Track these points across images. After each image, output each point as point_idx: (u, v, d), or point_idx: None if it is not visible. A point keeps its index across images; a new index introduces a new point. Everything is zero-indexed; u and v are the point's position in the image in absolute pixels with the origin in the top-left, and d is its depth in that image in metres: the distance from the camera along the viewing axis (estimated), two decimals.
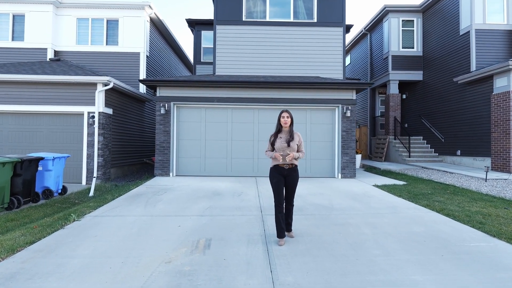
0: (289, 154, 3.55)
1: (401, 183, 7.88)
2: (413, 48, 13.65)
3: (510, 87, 9.04)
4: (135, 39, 11.48)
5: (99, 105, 8.81)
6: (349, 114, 8.78)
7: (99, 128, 8.78)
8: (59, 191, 7.07)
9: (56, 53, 11.33)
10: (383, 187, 7.16)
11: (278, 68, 10.05)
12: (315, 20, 10.12)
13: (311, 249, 3.42)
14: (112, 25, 11.57)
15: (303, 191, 6.56)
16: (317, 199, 5.93)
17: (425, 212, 5.00)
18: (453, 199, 5.92)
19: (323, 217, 4.69)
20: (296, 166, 3.71)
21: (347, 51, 18.60)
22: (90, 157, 8.74)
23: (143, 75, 11.50)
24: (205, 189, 6.87)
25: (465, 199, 5.92)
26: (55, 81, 8.68)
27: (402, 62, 13.63)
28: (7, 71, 8.99)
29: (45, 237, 3.77)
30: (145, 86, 11.47)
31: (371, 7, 74.45)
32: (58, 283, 2.65)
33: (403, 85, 14.46)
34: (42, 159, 6.58)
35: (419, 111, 13.72)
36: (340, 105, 8.87)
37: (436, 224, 4.35)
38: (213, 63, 10.20)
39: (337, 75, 10.04)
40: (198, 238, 3.75)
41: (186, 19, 13.04)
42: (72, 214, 4.69)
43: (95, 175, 8.31)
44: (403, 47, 13.64)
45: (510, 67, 8.82)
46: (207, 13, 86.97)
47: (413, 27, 13.60)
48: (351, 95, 8.96)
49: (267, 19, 10.14)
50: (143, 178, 9.12)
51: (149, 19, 12.03)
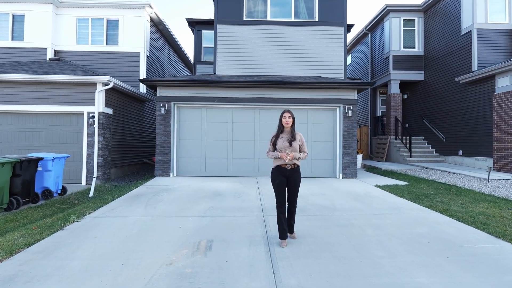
0: (290, 153, 3.49)
1: (403, 183, 7.82)
2: (414, 47, 13.60)
3: None
4: (135, 39, 11.43)
5: (99, 105, 8.76)
6: (350, 114, 8.73)
7: (99, 128, 8.73)
8: (59, 192, 7.02)
9: (56, 52, 11.28)
10: (385, 188, 7.10)
11: (279, 67, 10.00)
12: (316, 19, 10.07)
13: (314, 250, 3.37)
14: (112, 24, 11.52)
15: (305, 191, 6.50)
16: (319, 200, 5.88)
17: (428, 213, 4.95)
18: (456, 199, 5.87)
19: (325, 218, 4.64)
20: (298, 166, 3.65)
21: (348, 50, 18.54)
22: (90, 157, 8.70)
23: (143, 74, 11.45)
24: (206, 190, 6.82)
25: (468, 199, 5.87)
26: (54, 81, 8.64)
27: (403, 62, 13.57)
28: (6, 71, 8.95)
29: (44, 239, 3.73)
30: (145, 86, 11.42)
31: (372, 6, 74.39)
32: (57, 285, 2.60)
33: (404, 85, 14.41)
34: (41, 159, 6.53)
35: (420, 111, 13.67)
36: (341, 105, 8.82)
37: (439, 225, 4.30)
38: (213, 63, 10.15)
39: (338, 74, 9.99)
40: (199, 239, 3.71)
41: (186, 19, 13.00)
42: (71, 215, 4.64)
43: (95, 175, 8.27)
44: (404, 47, 13.58)
45: None
46: (208, 12, 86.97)
47: (414, 27, 13.54)
48: (353, 95, 8.90)
49: (268, 19, 10.09)
50: (143, 178, 9.07)
51: (149, 19, 11.98)
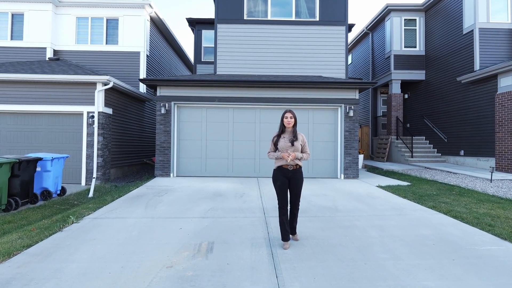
0: (292, 153, 3.43)
1: (405, 183, 7.76)
2: (415, 47, 13.53)
3: None
4: (135, 38, 11.37)
5: (99, 105, 8.70)
6: (352, 114, 8.67)
7: (98, 128, 8.67)
8: (58, 192, 6.95)
9: (55, 52, 11.22)
10: (387, 188, 7.04)
11: (279, 67, 9.93)
12: (317, 18, 10.01)
13: (317, 253, 3.31)
14: (112, 24, 11.45)
15: (306, 192, 6.44)
16: (321, 201, 5.82)
17: (432, 214, 4.89)
18: (460, 200, 5.81)
19: (328, 219, 4.58)
20: (300, 167, 3.59)
21: (349, 50, 18.45)
22: (89, 157, 8.63)
23: (143, 74, 11.38)
24: (206, 190, 6.76)
25: (472, 200, 5.80)
26: (54, 81, 8.58)
27: (404, 61, 13.51)
28: (5, 71, 8.88)
29: (42, 240, 3.67)
30: (145, 85, 11.36)
31: (373, 6, 74.32)
32: None
33: (405, 85, 14.35)
34: (40, 159, 6.47)
35: (422, 111, 13.60)
36: (342, 105, 8.76)
37: (444, 226, 4.24)
38: (214, 62, 10.09)
39: (340, 74, 9.93)
40: (200, 241, 3.64)
41: (186, 18, 12.95)
42: (70, 216, 4.58)
43: (94, 175, 8.21)
44: (405, 46, 13.52)
45: None
46: (208, 13, 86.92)
47: (416, 26, 13.48)
48: (354, 95, 8.84)
49: (269, 18, 10.03)
50: (143, 178, 9.01)
51: (149, 18, 11.92)
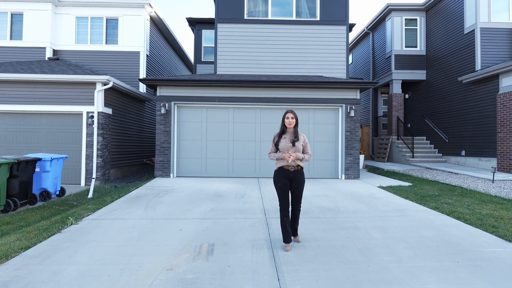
0: (293, 154, 3.38)
1: (407, 184, 7.71)
2: (416, 47, 13.48)
3: None
4: (135, 38, 11.32)
5: (98, 105, 8.65)
6: (353, 114, 8.63)
7: (98, 128, 8.62)
8: (57, 193, 6.90)
9: (55, 52, 11.17)
10: (389, 189, 6.99)
11: (280, 67, 9.89)
12: (318, 18, 9.97)
13: (319, 255, 3.27)
14: (111, 24, 11.40)
15: (308, 192, 6.38)
16: (322, 201, 5.77)
17: (435, 215, 4.84)
18: (462, 201, 5.76)
19: (330, 220, 4.54)
20: (302, 168, 3.54)
21: (349, 50, 18.40)
22: (89, 157, 8.58)
23: (143, 74, 11.33)
24: (206, 191, 6.71)
25: (474, 201, 5.76)
26: (53, 80, 8.53)
27: (405, 61, 13.46)
28: (4, 70, 8.83)
29: (41, 242, 3.62)
30: (145, 85, 11.31)
31: (374, 6, 74.31)
32: None
33: (406, 85, 14.30)
34: (39, 160, 6.42)
35: (422, 111, 13.56)
36: (343, 105, 8.72)
37: (447, 227, 4.19)
38: (214, 62, 10.04)
39: (340, 74, 9.89)
40: (200, 243, 3.60)
41: (186, 18, 12.90)
42: (69, 217, 4.54)
43: (94, 176, 8.15)
44: (406, 46, 13.47)
45: None
46: (208, 13, 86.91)
47: (416, 26, 13.43)
48: (355, 95, 8.80)
49: (269, 17, 9.98)
50: (143, 179, 8.96)
51: (149, 18, 11.87)
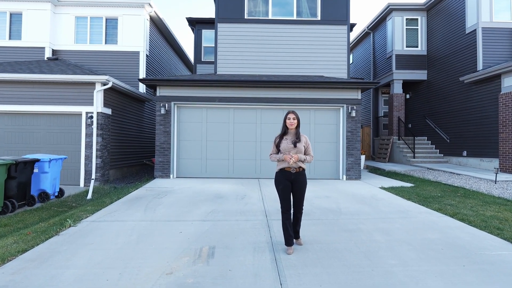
0: (295, 155, 3.32)
1: (409, 185, 7.65)
2: (417, 47, 13.42)
3: None
4: (134, 38, 11.25)
5: (98, 105, 8.58)
6: (354, 114, 8.57)
7: (97, 128, 8.56)
8: (56, 194, 6.84)
9: (54, 52, 11.10)
10: (391, 190, 6.93)
11: (281, 67, 9.82)
12: (319, 18, 9.90)
13: (322, 258, 3.20)
14: (111, 23, 11.34)
15: (309, 193, 6.29)
16: (324, 203, 5.71)
17: (438, 216, 4.78)
18: (465, 202, 5.70)
19: (332, 223, 4.47)
20: (303, 170, 3.47)
21: (350, 50, 18.35)
22: (88, 158, 8.52)
23: (143, 74, 11.27)
24: (207, 192, 6.64)
25: (478, 202, 5.69)
26: (52, 81, 8.47)
27: (406, 61, 13.40)
28: (3, 70, 8.76)
29: (38, 245, 3.56)
30: (145, 85, 11.24)
31: (374, 5, 74.26)
32: None
33: (407, 85, 14.24)
34: (38, 160, 6.35)
35: (424, 111, 13.50)
36: (344, 105, 8.65)
37: (451, 230, 4.12)
38: (214, 62, 9.98)
39: (341, 74, 9.83)
40: (201, 246, 3.53)
41: (186, 18, 12.85)
42: (68, 219, 4.47)
43: (93, 177, 8.09)
44: (407, 46, 13.41)
45: None
46: (208, 13, 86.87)
47: (417, 26, 13.37)
48: (356, 95, 8.74)
49: (270, 17, 9.92)
50: (142, 180, 8.89)
51: (149, 18, 11.81)
